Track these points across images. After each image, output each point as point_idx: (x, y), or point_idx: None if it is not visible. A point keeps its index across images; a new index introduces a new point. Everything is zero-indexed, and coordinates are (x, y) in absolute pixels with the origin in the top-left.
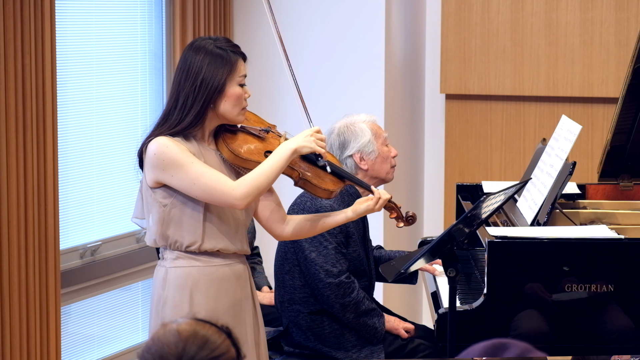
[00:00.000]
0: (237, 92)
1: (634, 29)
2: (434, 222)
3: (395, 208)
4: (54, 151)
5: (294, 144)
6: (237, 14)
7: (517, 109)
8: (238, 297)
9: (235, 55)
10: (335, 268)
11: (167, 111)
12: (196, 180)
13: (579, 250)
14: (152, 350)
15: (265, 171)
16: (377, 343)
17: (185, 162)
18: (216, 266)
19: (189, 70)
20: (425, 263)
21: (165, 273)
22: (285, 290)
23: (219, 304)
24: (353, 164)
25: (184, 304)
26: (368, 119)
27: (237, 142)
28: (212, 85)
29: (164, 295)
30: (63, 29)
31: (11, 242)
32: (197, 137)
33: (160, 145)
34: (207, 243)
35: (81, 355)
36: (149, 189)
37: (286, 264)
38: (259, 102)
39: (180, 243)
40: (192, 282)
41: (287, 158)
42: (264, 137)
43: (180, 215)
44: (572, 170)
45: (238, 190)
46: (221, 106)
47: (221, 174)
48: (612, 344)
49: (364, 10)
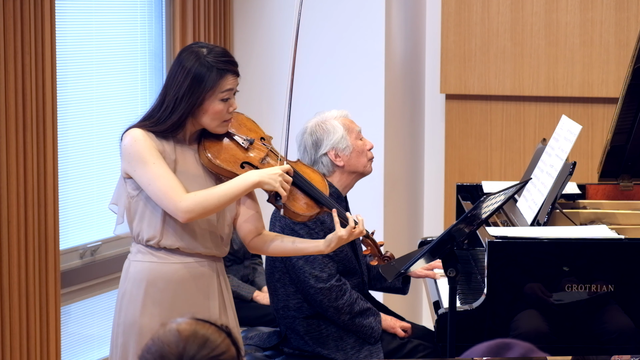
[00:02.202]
0: (216, 109)
1: (634, 29)
2: (434, 222)
3: (372, 245)
4: (54, 151)
5: (257, 177)
6: (237, 14)
7: (517, 109)
8: (197, 298)
9: (220, 72)
10: (324, 273)
11: (152, 108)
12: (152, 181)
13: (579, 250)
14: (152, 350)
15: (218, 194)
16: (375, 342)
17: (148, 160)
18: (174, 264)
19: (177, 74)
20: (425, 263)
21: (128, 266)
22: (279, 298)
23: (174, 302)
24: (329, 161)
25: (139, 299)
26: (339, 114)
27: (217, 148)
28: (192, 97)
29: (124, 286)
30: (63, 29)
31: (11, 242)
32: (177, 137)
33: (131, 138)
34: (165, 240)
35: (81, 355)
36: (122, 177)
37: (276, 272)
38: (257, 102)
39: (142, 237)
40: (149, 277)
41: (246, 189)
42: (246, 147)
43: (144, 209)
44: (572, 170)
45: (184, 203)
46: (200, 118)
47: (177, 183)
48: (612, 344)
49: (364, 10)
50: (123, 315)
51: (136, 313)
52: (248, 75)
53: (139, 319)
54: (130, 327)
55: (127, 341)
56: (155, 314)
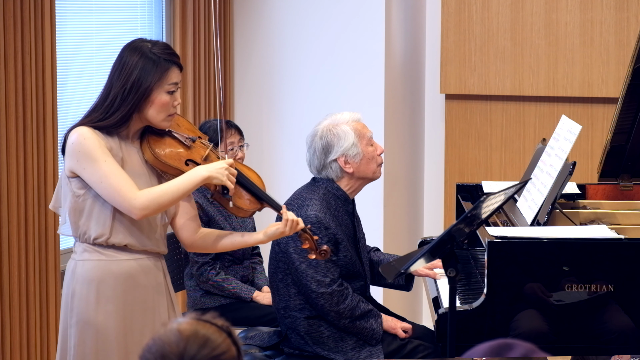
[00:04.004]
0: (162, 100)
1: (634, 29)
2: (434, 222)
3: (310, 239)
4: (54, 151)
5: (206, 171)
6: (237, 14)
7: (517, 109)
8: (147, 291)
9: (167, 63)
10: (327, 277)
11: (95, 104)
12: (104, 178)
13: (579, 250)
14: (153, 350)
15: (171, 190)
16: (376, 344)
17: (98, 158)
18: (123, 260)
19: (122, 70)
20: (425, 263)
21: (75, 266)
22: (281, 297)
23: (127, 297)
24: (338, 167)
25: (91, 298)
26: (351, 117)
27: (161, 145)
28: (140, 90)
29: (72, 286)
30: (63, 29)
31: (11, 242)
32: (121, 135)
33: (79, 136)
34: (114, 237)
35: None
36: (66, 177)
37: (279, 272)
38: (257, 102)
39: (89, 235)
40: (98, 275)
41: (197, 183)
42: (189, 145)
43: (92, 207)
44: (572, 170)
45: (139, 200)
46: (146, 111)
47: (128, 180)
48: (612, 344)
49: (364, 11)
50: (75, 315)
51: (90, 312)
52: (248, 75)
53: (94, 318)
54: (84, 326)
55: (82, 341)
56: (111, 311)
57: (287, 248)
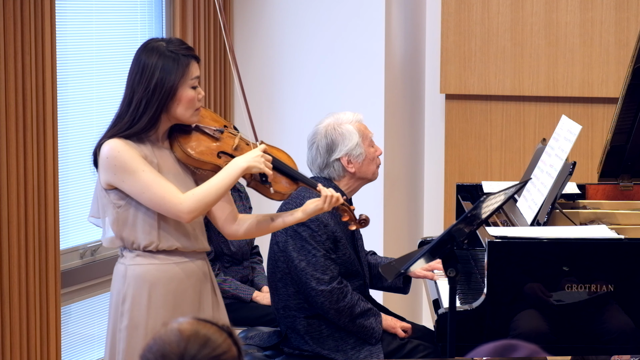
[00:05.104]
0: (189, 95)
1: (634, 29)
2: (434, 222)
3: (348, 211)
4: (54, 151)
5: (244, 162)
6: (237, 14)
7: (517, 109)
8: (197, 292)
9: (187, 58)
10: (326, 275)
11: (119, 113)
12: (145, 189)
13: (579, 250)
14: (153, 350)
15: (214, 187)
16: (376, 343)
17: (136, 169)
18: (174, 264)
19: (142, 73)
20: (425, 263)
21: (125, 270)
22: (280, 297)
23: (177, 300)
24: (340, 166)
25: (143, 300)
26: (354, 118)
27: (191, 143)
28: (164, 89)
29: (123, 291)
30: (63, 29)
31: (11, 242)
32: (151, 139)
33: (112, 149)
34: (164, 243)
35: (81, 355)
36: (103, 190)
37: (277, 272)
38: (258, 102)
39: (138, 244)
40: (151, 278)
41: (237, 176)
42: (218, 138)
43: (135, 217)
44: (572, 170)
45: (185, 203)
46: (174, 109)
47: (170, 186)
48: (612, 344)
49: (364, 10)
50: (126, 320)
51: (142, 316)
52: (248, 75)
53: (146, 322)
54: (134, 330)
55: (131, 345)
56: (161, 315)
57: (286, 247)
